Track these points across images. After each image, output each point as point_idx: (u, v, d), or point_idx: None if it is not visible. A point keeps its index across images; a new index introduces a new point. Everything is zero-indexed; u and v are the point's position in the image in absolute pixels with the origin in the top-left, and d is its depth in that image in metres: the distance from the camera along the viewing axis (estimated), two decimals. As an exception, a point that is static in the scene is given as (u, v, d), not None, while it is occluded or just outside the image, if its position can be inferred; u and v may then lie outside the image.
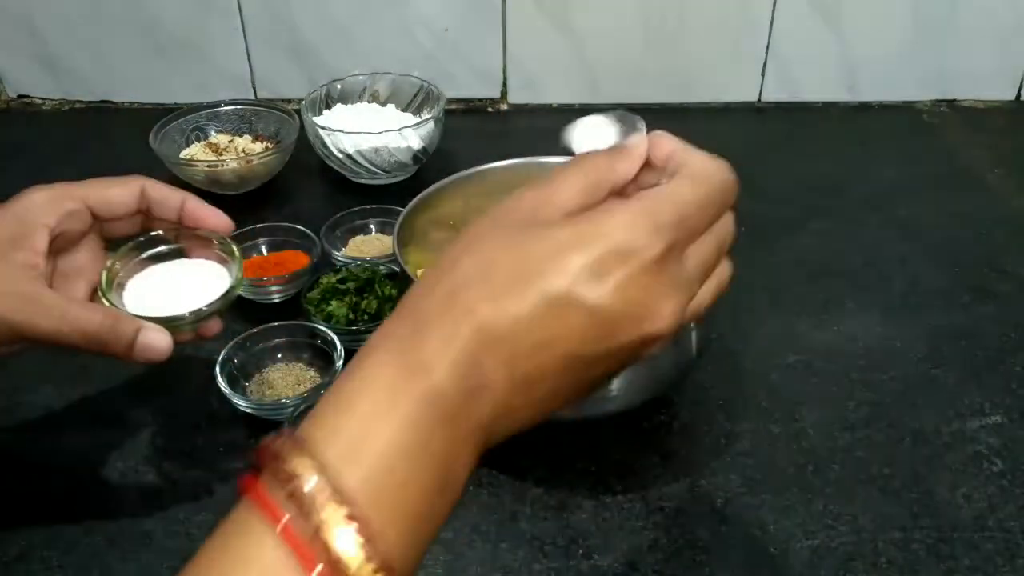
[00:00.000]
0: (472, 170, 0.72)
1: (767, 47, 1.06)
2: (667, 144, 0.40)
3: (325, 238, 0.79)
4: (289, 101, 1.06)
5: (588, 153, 0.40)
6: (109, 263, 0.56)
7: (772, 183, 0.94)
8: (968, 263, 0.82)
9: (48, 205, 0.53)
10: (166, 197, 0.56)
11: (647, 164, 0.39)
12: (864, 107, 1.10)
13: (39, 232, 0.52)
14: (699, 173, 0.37)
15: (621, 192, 0.39)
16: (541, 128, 1.05)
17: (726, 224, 0.38)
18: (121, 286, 0.56)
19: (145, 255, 0.58)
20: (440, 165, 0.92)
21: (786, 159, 1.00)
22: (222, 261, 0.58)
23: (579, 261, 0.33)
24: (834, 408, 0.67)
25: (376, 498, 0.31)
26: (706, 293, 0.38)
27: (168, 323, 0.53)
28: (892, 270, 0.81)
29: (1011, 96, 1.11)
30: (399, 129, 0.89)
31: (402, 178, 0.94)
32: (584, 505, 0.59)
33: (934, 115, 1.09)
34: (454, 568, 0.55)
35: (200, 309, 0.55)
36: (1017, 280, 0.80)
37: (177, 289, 0.57)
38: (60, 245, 0.54)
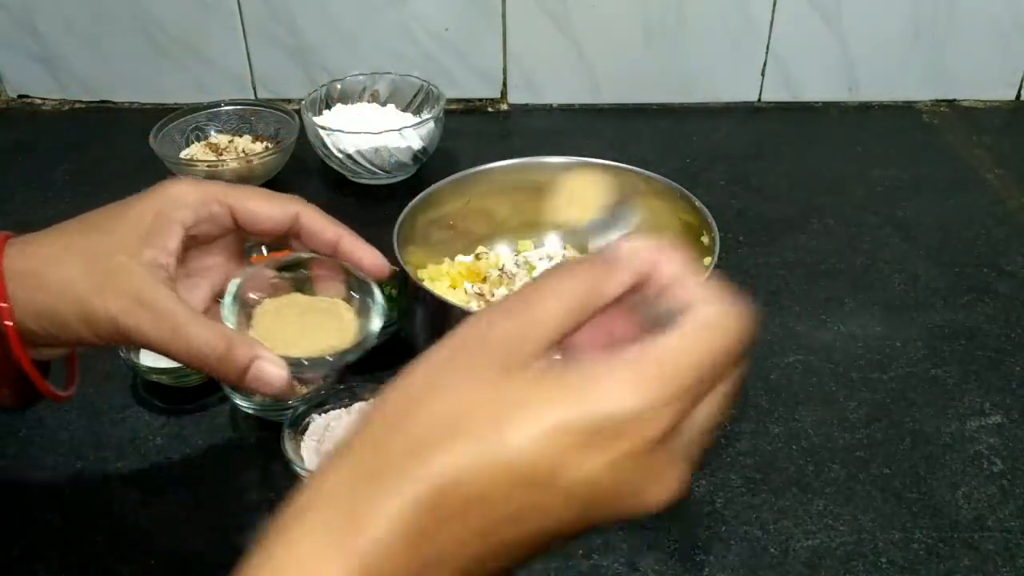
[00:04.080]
0: (472, 170, 0.72)
1: (767, 47, 1.06)
2: (670, 266, 0.32)
3: None
4: (289, 101, 1.06)
5: (569, 265, 0.33)
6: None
7: (772, 183, 0.94)
8: (968, 263, 0.82)
9: (191, 203, 0.48)
10: (322, 229, 0.50)
11: (640, 281, 0.33)
12: (864, 107, 1.10)
13: (174, 230, 0.47)
14: (715, 325, 0.31)
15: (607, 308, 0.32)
16: (541, 128, 1.05)
17: (736, 373, 0.32)
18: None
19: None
20: (440, 165, 0.92)
21: (786, 159, 1.00)
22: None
23: (567, 432, 0.28)
24: (834, 408, 0.67)
25: None
26: (705, 441, 0.32)
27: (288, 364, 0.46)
28: (892, 270, 0.81)
29: (1011, 96, 1.11)
30: (399, 129, 0.89)
31: (402, 178, 0.94)
32: (584, 505, 0.59)
33: (934, 115, 1.09)
34: (454, 568, 0.55)
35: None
36: (1017, 280, 0.80)
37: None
38: (193, 244, 0.49)
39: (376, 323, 0.49)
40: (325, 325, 0.49)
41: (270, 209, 0.49)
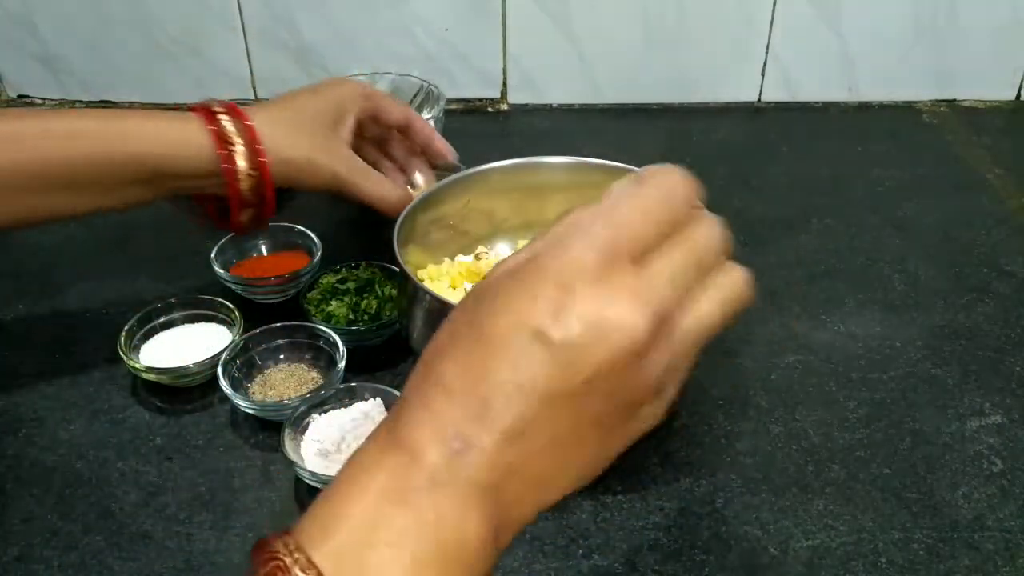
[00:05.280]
0: (472, 170, 0.72)
1: (767, 47, 1.06)
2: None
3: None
4: (289, 101, 1.06)
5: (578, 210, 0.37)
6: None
7: (772, 183, 0.94)
8: (968, 263, 0.82)
9: (358, 98, 0.70)
10: (421, 128, 0.75)
11: None
12: (864, 107, 1.10)
13: (351, 118, 0.70)
14: (639, 178, 0.35)
15: None
16: (541, 128, 1.05)
17: (700, 228, 0.35)
18: None
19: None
20: (440, 165, 0.92)
21: (786, 159, 1.00)
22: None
23: (525, 303, 0.32)
24: (834, 408, 0.67)
25: None
26: (710, 306, 0.35)
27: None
28: (892, 270, 0.81)
29: (1011, 96, 1.11)
30: (399, 129, 0.89)
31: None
32: (584, 505, 0.59)
33: (934, 115, 1.09)
34: (454, 568, 0.55)
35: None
36: (1017, 280, 0.80)
37: None
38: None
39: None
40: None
41: (398, 110, 0.74)
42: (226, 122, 0.63)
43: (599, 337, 0.31)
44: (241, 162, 0.63)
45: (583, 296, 0.31)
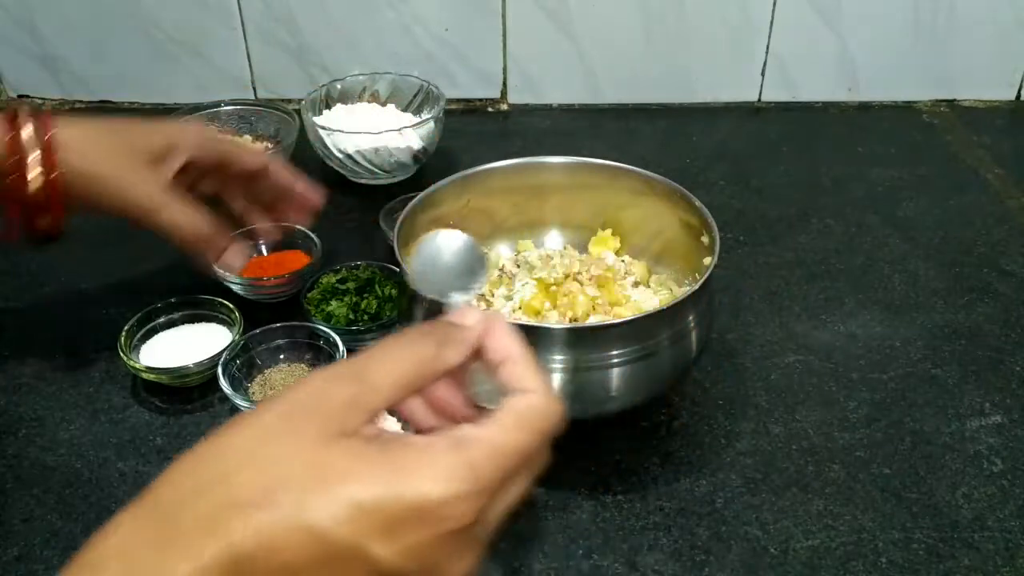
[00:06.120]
0: (472, 170, 0.72)
1: (767, 47, 1.06)
2: (504, 345, 0.35)
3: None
4: (289, 101, 1.06)
5: (409, 336, 0.35)
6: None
7: (772, 183, 0.94)
8: (968, 263, 0.82)
9: (198, 142, 0.69)
10: (284, 175, 0.75)
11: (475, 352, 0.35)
12: (864, 107, 1.10)
13: (180, 159, 0.67)
14: (532, 422, 0.33)
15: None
16: (541, 128, 1.05)
17: (540, 461, 0.34)
18: None
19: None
20: (440, 165, 0.92)
21: (786, 159, 1.00)
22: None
23: (375, 512, 0.29)
24: (834, 408, 0.67)
25: None
26: (514, 499, 0.34)
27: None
28: (892, 270, 0.81)
29: (1011, 96, 1.11)
30: (399, 129, 0.89)
31: (402, 178, 0.94)
32: (584, 505, 0.59)
33: (934, 115, 1.09)
34: (454, 568, 0.55)
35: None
36: (1017, 280, 0.80)
37: None
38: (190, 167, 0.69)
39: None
40: None
41: (251, 158, 0.73)
42: (26, 129, 0.62)
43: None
44: (34, 170, 0.62)
45: (436, 542, 0.30)
